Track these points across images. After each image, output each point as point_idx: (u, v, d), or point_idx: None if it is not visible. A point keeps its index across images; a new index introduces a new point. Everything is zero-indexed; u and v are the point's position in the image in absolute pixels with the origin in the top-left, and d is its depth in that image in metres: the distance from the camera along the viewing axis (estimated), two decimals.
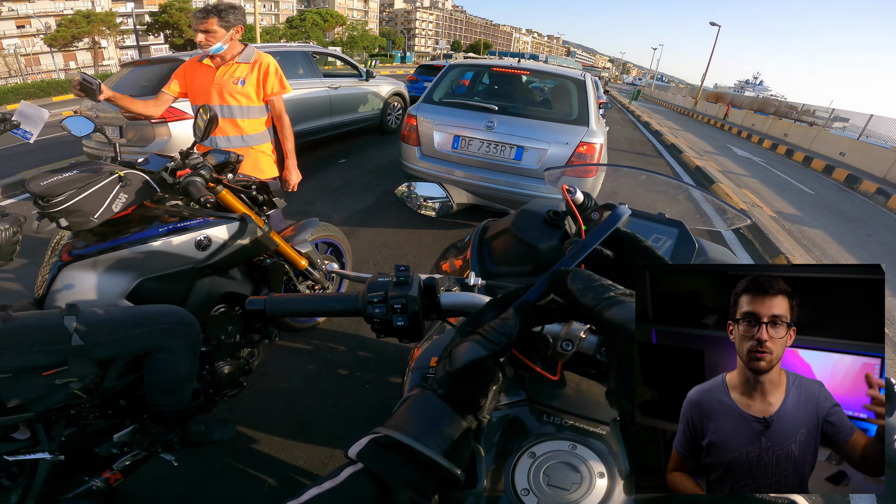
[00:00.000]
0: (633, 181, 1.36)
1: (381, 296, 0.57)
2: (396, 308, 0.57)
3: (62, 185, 1.11)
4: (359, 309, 0.60)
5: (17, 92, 15.83)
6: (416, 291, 0.58)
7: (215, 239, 1.35)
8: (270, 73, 2.24)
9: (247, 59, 2.21)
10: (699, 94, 24.52)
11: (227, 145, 2.27)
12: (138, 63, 4.46)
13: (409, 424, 0.42)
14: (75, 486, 1.20)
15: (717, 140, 12.42)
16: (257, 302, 0.63)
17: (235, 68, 2.21)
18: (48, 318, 1.07)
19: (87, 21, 29.53)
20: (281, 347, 2.15)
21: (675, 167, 7.55)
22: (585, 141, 3.03)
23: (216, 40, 2.08)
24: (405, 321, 0.57)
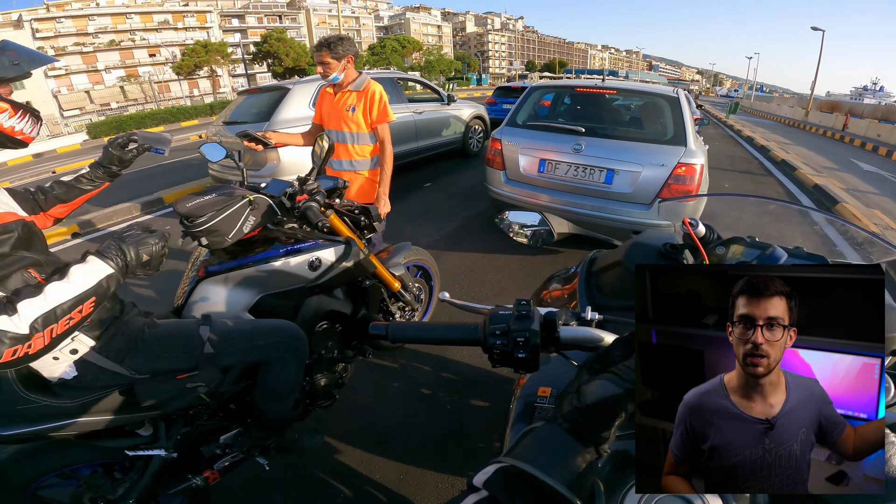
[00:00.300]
0: (757, 209, 1.23)
1: (504, 328, 0.59)
2: (519, 341, 0.58)
3: (204, 207, 1.24)
4: (478, 339, 0.62)
5: (154, 117, 18.46)
6: (538, 325, 0.59)
7: (325, 260, 1.45)
8: (375, 101, 2.36)
9: (357, 87, 2.36)
10: (810, 104, 21.78)
11: (339, 168, 2.47)
12: (251, 91, 5.02)
13: (535, 456, 0.43)
14: (177, 483, 1.29)
15: (837, 154, 10.83)
16: (380, 327, 0.67)
17: (348, 96, 2.38)
18: (187, 326, 1.19)
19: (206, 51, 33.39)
20: (370, 365, 2.24)
21: (789, 186, 6.68)
22: (684, 162, 2.80)
23: (331, 70, 2.28)
24: (526, 353, 0.58)
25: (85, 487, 1.19)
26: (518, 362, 0.59)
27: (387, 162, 2.44)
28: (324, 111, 2.46)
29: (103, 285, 0.90)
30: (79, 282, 0.88)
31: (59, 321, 0.84)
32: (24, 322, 0.80)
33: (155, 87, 33.24)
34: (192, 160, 8.57)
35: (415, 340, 0.69)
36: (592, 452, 0.44)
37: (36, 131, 1.03)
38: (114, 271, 0.92)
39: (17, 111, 0.98)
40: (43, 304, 0.82)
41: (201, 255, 1.45)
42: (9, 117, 0.96)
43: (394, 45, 41.10)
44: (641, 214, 2.87)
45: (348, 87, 2.38)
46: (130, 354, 1.08)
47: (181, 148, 10.96)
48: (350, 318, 1.63)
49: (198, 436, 1.32)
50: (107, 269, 0.91)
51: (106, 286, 0.91)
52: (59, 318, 0.84)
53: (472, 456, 1.75)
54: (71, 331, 0.88)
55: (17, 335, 0.79)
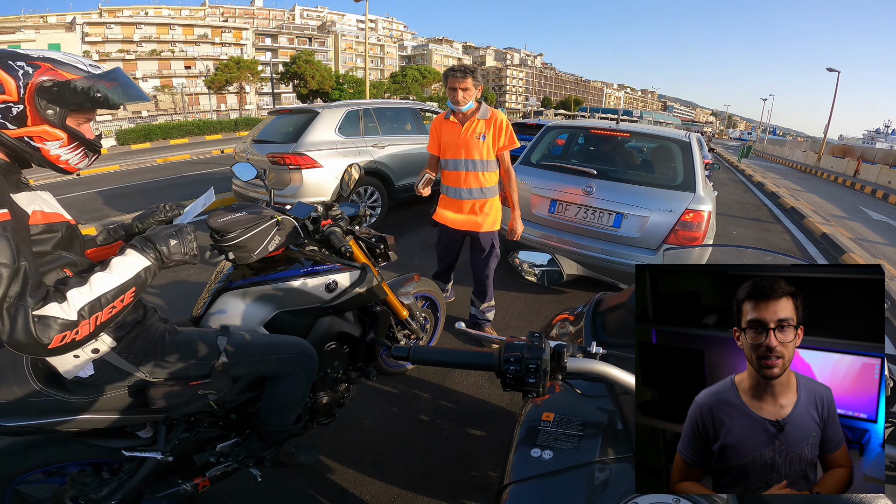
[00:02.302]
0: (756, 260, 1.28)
1: (518, 356, 0.65)
2: (531, 368, 0.64)
3: (235, 223, 1.29)
4: (493, 365, 0.68)
5: (180, 129, 19.01)
6: (548, 355, 0.65)
7: (341, 283, 1.52)
8: (503, 128, 2.42)
9: (484, 116, 2.41)
10: (822, 148, 21.81)
11: (469, 196, 2.52)
12: (281, 112, 5.20)
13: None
14: (166, 487, 1.29)
15: (847, 201, 10.79)
16: (403, 349, 0.74)
17: (477, 124, 2.41)
18: (206, 336, 1.24)
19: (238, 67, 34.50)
20: (370, 388, 2.27)
21: (797, 234, 6.68)
22: (692, 208, 2.85)
23: (470, 98, 2.32)
24: (536, 379, 0.64)
25: (70, 485, 1.19)
26: (528, 387, 0.65)
27: (515, 185, 2.57)
28: (444, 141, 2.48)
29: (142, 276, 0.95)
30: (120, 273, 0.92)
31: (103, 309, 0.88)
32: (73, 309, 0.84)
33: (185, 99, 34.42)
34: (214, 174, 8.85)
35: (435, 363, 0.75)
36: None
37: (85, 164, 1.01)
38: (151, 263, 0.97)
39: (73, 142, 0.95)
40: (89, 292, 0.87)
41: (225, 268, 1.51)
42: (60, 146, 0.94)
43: (415, 75, 42.42)
44: (647, 259, 2.88)
45: (475, 116, 2.40)
46: (149, 358, 1.11)
47: (203, 161, 11.32)
48: (358, 340, 1.68)
49: (195, 442, 1.33)
50: (144, 261, 0.96)
51: (144, 277, 0.96)
52: (104, 306, 0.88)
53: (467, 484, 1.75)
54: (112, 319, 0.92)
55: (67, 321, 0.82)
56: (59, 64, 0.90)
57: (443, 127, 2.48)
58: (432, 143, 2.57)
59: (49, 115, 0.90)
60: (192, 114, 33.56)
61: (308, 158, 4.18)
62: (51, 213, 0.96)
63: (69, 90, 0.90)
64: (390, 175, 4.94)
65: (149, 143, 17.48)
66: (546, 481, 0.67)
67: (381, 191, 4.91)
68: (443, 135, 2.48)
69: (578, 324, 1.15)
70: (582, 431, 0.74)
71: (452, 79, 2.28)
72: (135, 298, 0.95)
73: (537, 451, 0.71)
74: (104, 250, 1.23)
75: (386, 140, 4.99)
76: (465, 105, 2.31)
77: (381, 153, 4.89)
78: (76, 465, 1.22)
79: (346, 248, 1.44)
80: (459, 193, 2.51)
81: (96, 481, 1.22)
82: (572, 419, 0.77)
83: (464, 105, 2.31)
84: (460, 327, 0.89)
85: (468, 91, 2.29)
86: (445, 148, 2.47)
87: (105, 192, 7.22)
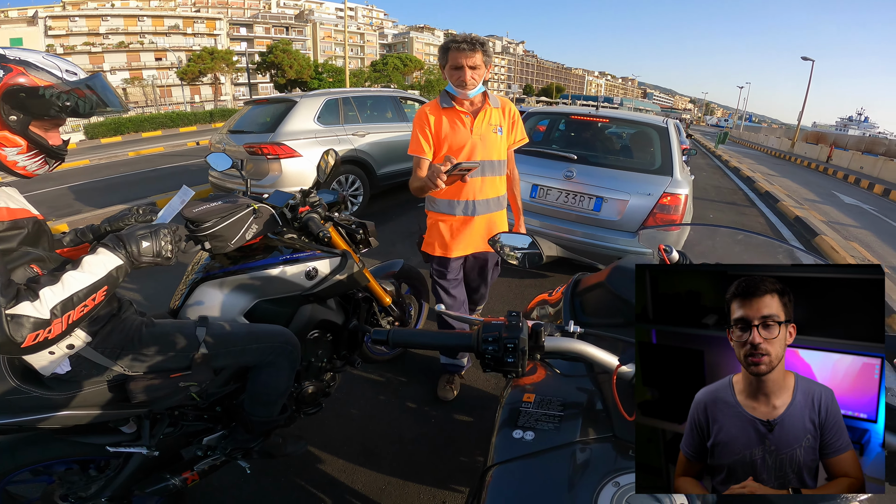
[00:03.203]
0: (731, 241, 1.31)
1: (496, 336, 0.66)
2: (509, 347, 0.64)
3: (210, 213, 1.26)
4: (472, 346, 0.68)
5: (152, 121, 18.42)
6: (526, 334, 0.65)
7: (321, 271, 1.50)
8: (518, 119, 1.92)
9: (496, 104, 1.85)
10: (796, 135, 22.46)
11: (486, 210, 1.88)
12: (258, 101, 5.12)
13: None
14: (154, 482, 1.29)
15: (820, 186, 11.18)
16: (382, 332, 0.73)
17: (491, 114, 1.82)
18: (184, 327, 1.22)
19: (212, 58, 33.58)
20: (356, 377, 2.27)
21: (771, 218, 6.89)
22: (669, 192, 2.92)
23: (479, 79, 1.72)
24: (515, 359, 0.65)
25: (58, 484, 1.18)
26: (507, 366, 0.66)
27: (518, 188, 2.09)
28: (450, 138, 1.78)
29: (113, 275, 0.95)
30: (92, 271, 0.92)
31: (75, 308, 0.88)
32: (46, 308, 0.83)
33: (157, 91, 33.21)
34: (190, 166, 8.61)
35: (414, 346, 0.75)
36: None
37: (45, 170, 0.99)
38: (122, 262, 0.97)
39: (32, 150, 0.93)
40: (62, 291, 0.86)
41: (201, 259, 1.48)
42: (18, 153, 0.91)
43: (396, 63, 41.76)
44: (627, 242, 2.95)
45: (486, 104, 1.81)
46: (127, 352, 1.10)
47: (178, 154, 11.00)
48: (341, 328, 1.67)
49: (181, 436, 1.32)
50: (116, 260, 0.96)
51: (116, 276, 0.96)
52: (76, 305, 0.88)
53: (456, 469, 1.78)
54: (84, 318, 0.91)
55: (39, 320, 0.82)
56: (34, 68, 0.88)
57: (441, 120, 1.78)
58: (421, 144, 1.79)
59: (11, 122, 0.88)
60: (164, 106, 32.48)
61: (287, 148, 4.13)
62: (17, 208, 0.94)
63: (36, 98, 0.88)
64: (371, 163, 4.93)
65: (119, 136, 16.87)
66: (529, 462, 0.68)
67: (362, 179, 4.90)
68: (443, 131, 1.78)
69: (558, 305, 1.16)
70: (563, 412, 0.75)
71: (457, 53, 1.65)
72: (107, 297, 0.95)
73: (519, 433, 0.72)
74: (71, 252, 1.20)
75: (366, 128, 4.97)
76: (474, 89, 1.72)
77: (362, 141, 4.87)
78: (62, 464, 1.21)
79: (325, 233, 1.43)
80: (473, 208, 1.85)
81: (84, 479, 1.22)
82: (553, 400, 0.78)
83: (472, 89, 1.71)
84: (440, 309, 0.89)
85: (478, 70, 1.69)
86: (449, 148, 1.79)
87: (76, 187, 7.01)
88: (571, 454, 0.66)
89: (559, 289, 1.23)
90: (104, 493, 1.20)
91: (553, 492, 0.61)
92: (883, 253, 5.40)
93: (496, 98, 1.87)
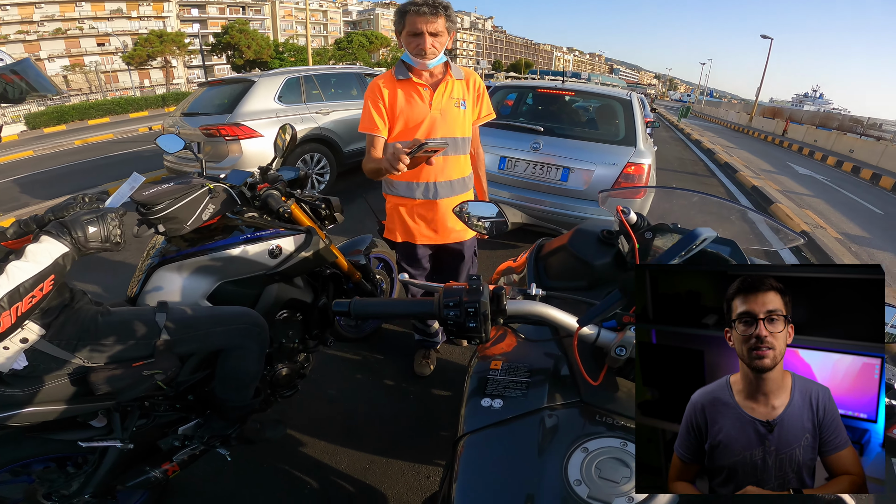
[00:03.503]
0: (687, 203, 1.36)
1: (457, 300, 0.64)
2: (470, 312, 0.63)
3: (162, 195, 1.22)
4: (434, 312, 0.66)
5: (98, 108, 17.32)
6: (487, 297, 0.64)
7: (285, 248, 1.46)
8: (483, 92, 1.74)
9: (459, 76, 1.65)
10: (754, 110, 23.36)
11: (451, 193, 1.72)
12: (212, 83, 4.91)
13: None
14: (135, 476, 1.27)
15: (776, 158, 11.73)
16: (343, 304, 0.71)
17: (452, 86, 1.63)
18: (142, 314, 1.18)
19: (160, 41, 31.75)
20: (332, 357, 2.25)
21: (730, 187, 7.20)
22: (633, 161, 2.99)
23: (441, 47, 1.53)
24: (477, 323, 0.64)
25: (38, 483, 1.16)
26: (470, 332, 0.64)
27: (485, 168, 1.90)
28: (402, 113, 1.61)
29: (59, 263, 0.92)
30: (36, 261, 0.89)
31: (23, 299, 0.85)
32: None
33: (101, 77, 31.07)
34: (143, 152, 8.16)
35: (376, 315, 0.74)
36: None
37: None
38: (68, 249, 0.93)
39: None
40: (7, 282, 0.84)
41: (157, 243, 1.42)
42: None
43: (361, 41, 40.36)
44: (595, 211, 3.03)
45: (448, 75, 1.63)
46: (83, 342, 1.06)
47: (129, 140, 10.40)
48: (311, 307, 1.65)
49: (155, 428, 1.30)
50: (61, 247, 0.93)
51: (62, 264, 0.93)
52: (23, 295, 0.85)
53: (438, 443, 1.80)
54: (34, 309, 0.90)
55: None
56: None
57: (396, 93, 1.59)
58: (374, 120, 1.60)
59: None
60: (111, 92, 30.39)
61: (246, 128, 3.99)
62: None
63: None
64: (337, 141, 4.85)
65: (63, 125, 15.78)
66: (498, 430, 0.67)
67: (328, 157, 4.83)
68: (398, 105, 1.60)
69: (523, 272, 1.17)
70: (530, 378, 0.75)
71: (416, 17, 1.46)
72: (55, 286, 0.93)
73: (487, 401, 0.72)
74: (15, 244, 1.14)
75: (330, 106, 4.86)
76: (433, 59, 1.53)
77: (327, 119, 4.77)
78: (39, 462, 1.18)
79: (286, 209, 1.38)
80: (435, 191, 1.69)
81: (63, 476, 1.19)
82: (520, 366, 0.78)
83: (433, 58, 1.52)
84: (403, 279, 0.89)
85: (439, 37, 1.50)
86: (405, 124, 1.62)
87: (21, 180, 6.61)
88: (540, 421, 0.66)
89: (523, 255, 1.24)
90: (86, 490, 1.19)
91: (524, 459, 0.61)
92: (834, 220, 5.76)
93: (459, 69, 1.67)
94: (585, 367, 0.67)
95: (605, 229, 1.09)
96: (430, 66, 1.56)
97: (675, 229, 1.06)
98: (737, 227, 1.30)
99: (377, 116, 1.60)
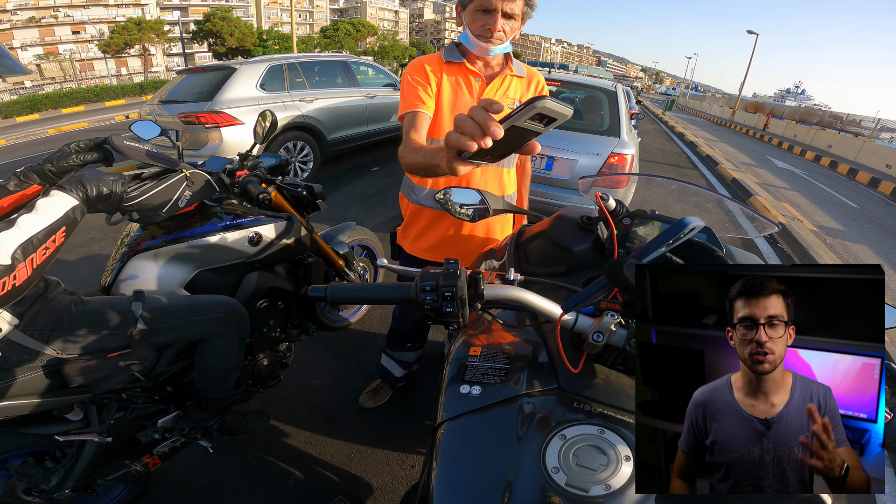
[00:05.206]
0: (666, 191, 1.38)
1: (433, 285, 0.63)
2: (447, 296, 0.62)
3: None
4: (411, 297, 0.66)
5: (73, 96, 16.84)
6: (464, 282, 0.63)
7: (265, 236, 1.44)
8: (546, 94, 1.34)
9: (521, 73, 1.38)
10: (737, 104, 23.73)
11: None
12: (192, 70, 4.78)
13: None
14: (115, 469, 1.26)
15: (757, 151, 11.96)
16: (319, 289, 0.70)
17: (510, 83, 1.36)
18: (117, 303, 1.14)
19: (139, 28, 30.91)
20: (314, 347, 2.24)
21: (711, 179, 7.34)
22: (616, 152, 3.03)
23: (511, 33, 1.25)
24: (454, 308, 0.62)
25: (17, 478, 1.14)
26: (447, 317, 0.63)
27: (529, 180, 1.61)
28: (446, 102, 1.30)
29: (70, 216, 0.94)
30: (47, 213, 0.90)
31: (36, 251, 0.87)
32: (6, 253, 0.82)
33: (77, 66, 29.99)
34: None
35: (353, 301, 0.72)
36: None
37: None
38: (78, 202, 0.96)
39: None
40: (19, 234, 0.85)
41: (132, 231, 1.38)
42: None
43: (348, 29, 39.63)
44: (578, 200, 3.05)
45: (508, 69, 1.36)
46: (57, 333, 1.03)
47: (105, 128, 10.11)
48: (292, 295, 1.63)
49: (134, 420, 1.27)
50: (72, 200, 0.95)
51: (73, 216, 0.95)
52: (37, 247, 0.87)
53: (422, 433, 1.80)
54: (49, 261, 0.91)
55: (1, 266, 0.81)
56: None
57: (441, 77, 1.30)
58: (419, 94, 1.27)
59: None
60: (86, 80, 29.37)
61: (227, 116, 3.91)
62: None
63: None
64: (321, 129, 4.79)
65: (37, 114, 15.28)
66: (477, 417, 0.67)
67: (311, 145, 4.77)
68: (442, 89, 1.30)
69: (503, 258, 1.17)
70: (508, 364, 0.75)
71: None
72: (66, 238, 0.95)
73: (466, 388, 0.71)
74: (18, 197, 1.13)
75: (314, 94, 4.79)
76: (500, 45, 1.25)
77: (310, 107, 4.70)
78: (16, 457, 1.15)
79: (266, 196, 1.36)
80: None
81: (41, 471, 1.17)
82: (498, 352, 0.77)
83: (498, 44, 1.24)
84: (382, 263, 0.88)
85: (513, 21, 1.22)
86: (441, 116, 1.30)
87: None
88: (518, 408, 0.66)
89: (504, 241, 1.25)
90: (66, 485, 1.17)
91: (502, 446, 0.61)
92: (811, 212, 5.91)
93: (521, 65, 1.39)
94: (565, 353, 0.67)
95: (585, 215, 1.09)
96: (493, 53, 1.27)
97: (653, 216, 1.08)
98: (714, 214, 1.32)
99: (423, 91, 1.27)
